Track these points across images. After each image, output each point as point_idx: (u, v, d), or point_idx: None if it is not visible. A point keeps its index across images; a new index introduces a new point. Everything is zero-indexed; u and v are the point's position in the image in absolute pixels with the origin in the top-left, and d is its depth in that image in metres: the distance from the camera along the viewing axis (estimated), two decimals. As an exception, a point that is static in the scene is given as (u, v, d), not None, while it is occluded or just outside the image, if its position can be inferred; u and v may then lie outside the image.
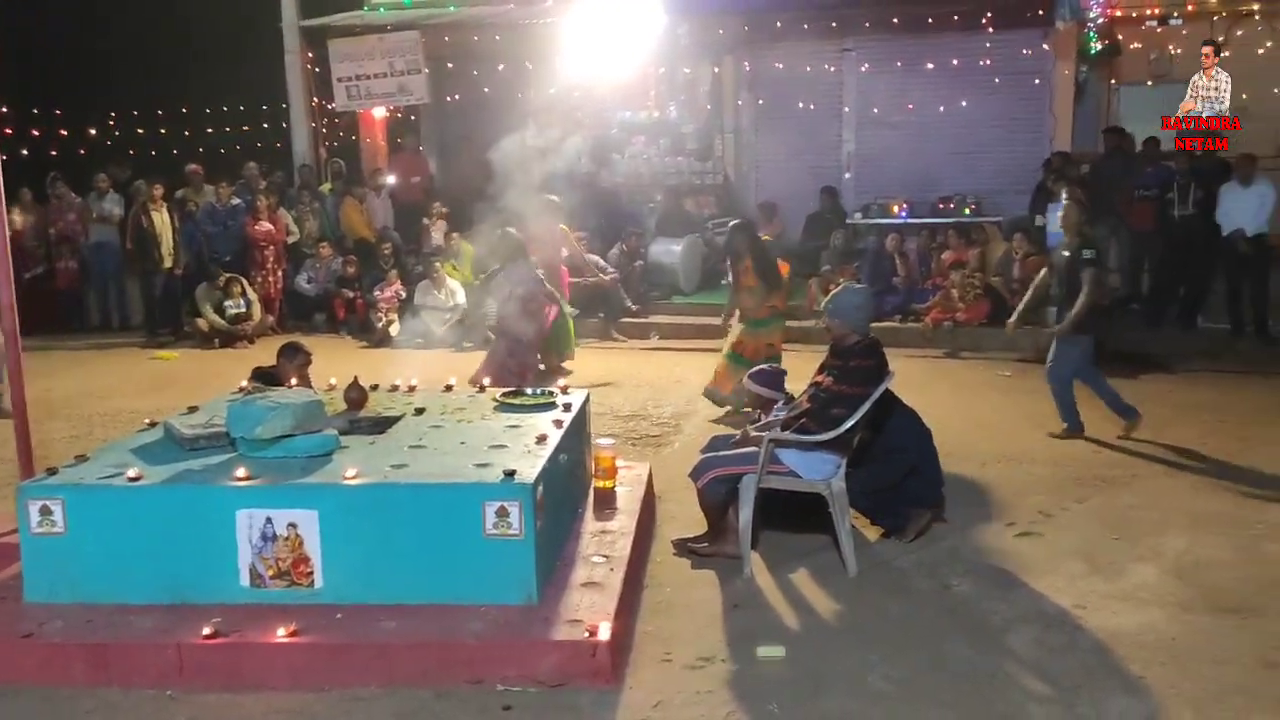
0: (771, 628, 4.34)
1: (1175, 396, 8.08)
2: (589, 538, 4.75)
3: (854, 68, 12.79)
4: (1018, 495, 5.91)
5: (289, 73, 13.87)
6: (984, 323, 10.12)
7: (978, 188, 12.09)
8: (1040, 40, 11.92)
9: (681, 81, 13.45)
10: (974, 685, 3.84)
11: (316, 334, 11.65)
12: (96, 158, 14.28)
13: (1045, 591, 4.63)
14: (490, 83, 13.39)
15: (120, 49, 18.04)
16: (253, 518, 4.02)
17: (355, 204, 12.73)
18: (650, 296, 11.67)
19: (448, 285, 11.19)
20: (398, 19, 13.37)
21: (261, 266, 11.90)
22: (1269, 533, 5.27)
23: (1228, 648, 4.08)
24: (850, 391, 4.74)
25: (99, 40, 17.92)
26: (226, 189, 12.13)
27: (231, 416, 4.37)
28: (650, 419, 7.74)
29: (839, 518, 4.79)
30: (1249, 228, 9.71)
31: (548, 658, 3.76)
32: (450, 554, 4.02)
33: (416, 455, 4.41)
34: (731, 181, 13.50)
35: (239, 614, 3.95)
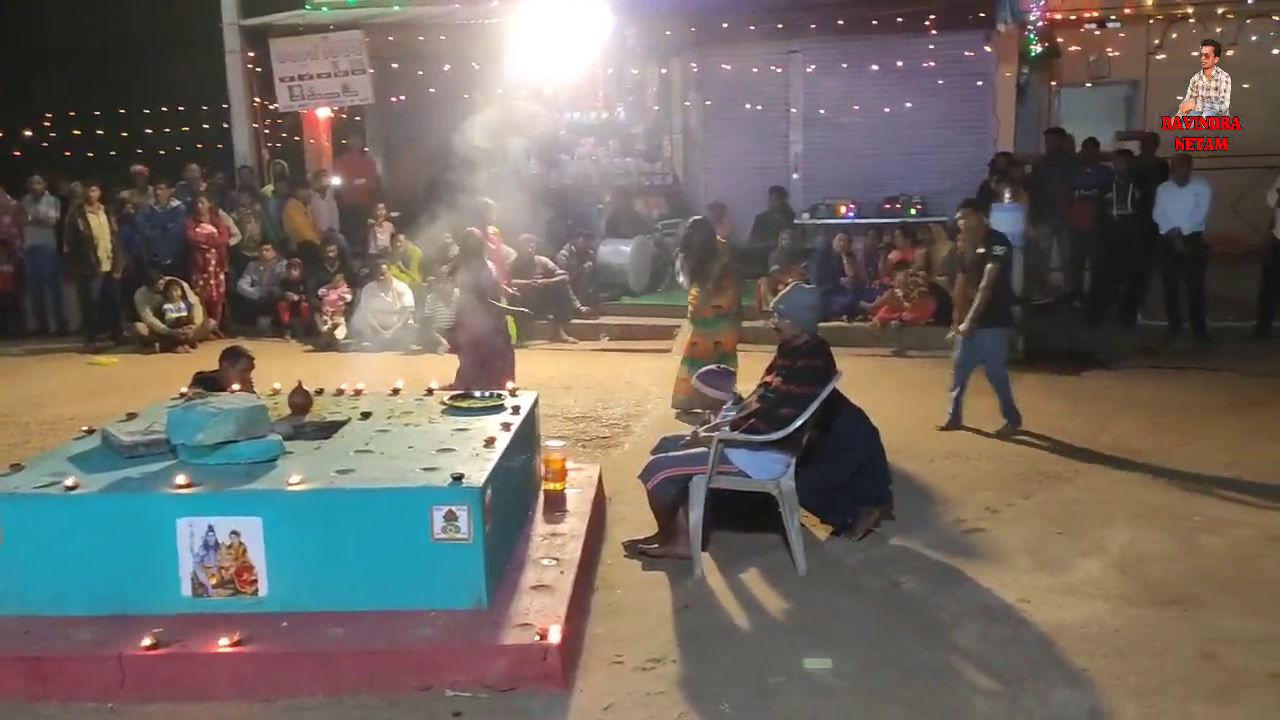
0: (723, 627, 4.34)
1: (1116, 393, 8.23)
2: (539, 540, 4.72)
3: (800, 69, 12.88)
4: (965, 492, 5.98)
5: (230, 73, 13.64)
6: (930, 321, 10.24)
7: (923, 188, 12.24)
8: (982, 42, 12.09)
9: (629, 82, 13.46)
10: (922, 681, 3.87)
11: (261, 338, 11.48)
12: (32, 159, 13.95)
13: (991, 586, 4.69)
14: (436, 83, 13.29)
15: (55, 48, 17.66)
16: (194, 526, 3.94)
17: (299, 206, 12.55)
18: (600, 297, 11.65)
19: (395, 287, 11.07)
20: (340, 18, 13.21)
21: (203, 269, 11.69)
22: (1207, 525, 5.38)
23: (1168, 639, 4.15)
24: (799, 391, 4.77)
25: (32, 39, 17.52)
26: (166, 191, 11.91)
27: (172, 423, 4.28)
28: (600, 420, 7.72)
29: (788, 517, 4.81)
30: (1185, 227, 9.92)
31: (497, 662, 3.73)
32: (398, 559, 3.97)
33: (363, 460, 4.35)
34: (680, 182, 13.54)
35: (181, 624, 3.87)
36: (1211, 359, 9.29)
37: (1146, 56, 13.64)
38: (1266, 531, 5.27)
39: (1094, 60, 13.86)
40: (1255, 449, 6.69)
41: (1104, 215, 10.55)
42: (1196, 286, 10.06)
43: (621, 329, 11.07)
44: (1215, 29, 13.09)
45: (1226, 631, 4.21)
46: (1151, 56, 13.62)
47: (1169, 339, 10.08)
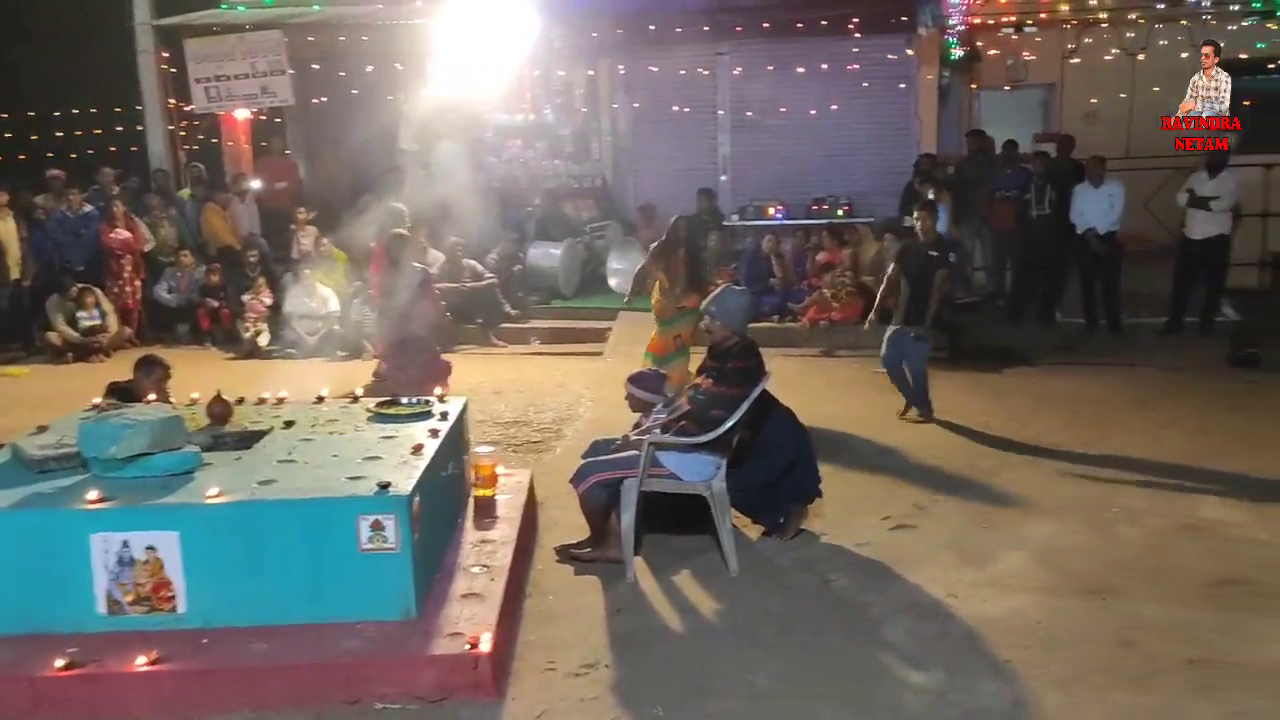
0: (656, 631, 4.34)
1: (1036, 389, 8.42)
2: (469, 548, 4.67)
3: (727, 71, 12.95)
4: (893, 489, 6.07)
5: (143, 73, 13.29)
6: (858, 321, 10.34)
7: (850, 189, 12.40)
8: (905, 46, 12.28)
9: (557, 84, 13.40)
10: (853, 677, 3.91)
11: (180, 346, 11.17)
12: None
13: (920, 582, 4.75)
14: (359, 84, 13.08)
15: (-41, 48, 17.00)
16: (108, 541, 3.82)
17: (217, 210, 12.25)
18: (530, 301, 11.57)
19: (319, 292, 10.86)
20: (258, 18, 12.93)
21: (118, 276, 11.34)
22: (1124, 516, 5.53)
23: (1089, 628, 4.26)
24: (728, 392, 4.78)
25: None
26: (78, 195, 11.52)
27: (84, 436, 4.14)
28: (532, 425, 7.66)
29: (720, 518, 4.82)
30: (1100, 227, 10.18)
31: (427, 673, 3.68)
32: (323, 571, 3.89)
33: (285, 470, 4.25)
34: (610, 184, 13.51)
35: (96, 643, 3.76)
36: (1126, 355, 9.56)
37: (1062, 61, 14.03)
38: (1180, 521, 5.43)
39: (1012, 64, 14.20)
40: (1168, 441, 6.90)
41: (1023, 215, 10.78)
42: (1111, 284, 10.33)
43: (552, 332, 11.01)
44: (1127, 34, 13.52)
45: (1144, 619, 4.32)
46: (1066, 61, 14.00)
47: (1086, 336, 10.34)
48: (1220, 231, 10.08)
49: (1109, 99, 13.85)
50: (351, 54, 12.79)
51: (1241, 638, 4.16)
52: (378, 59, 12.72)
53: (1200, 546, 5.10)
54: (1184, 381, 8.49)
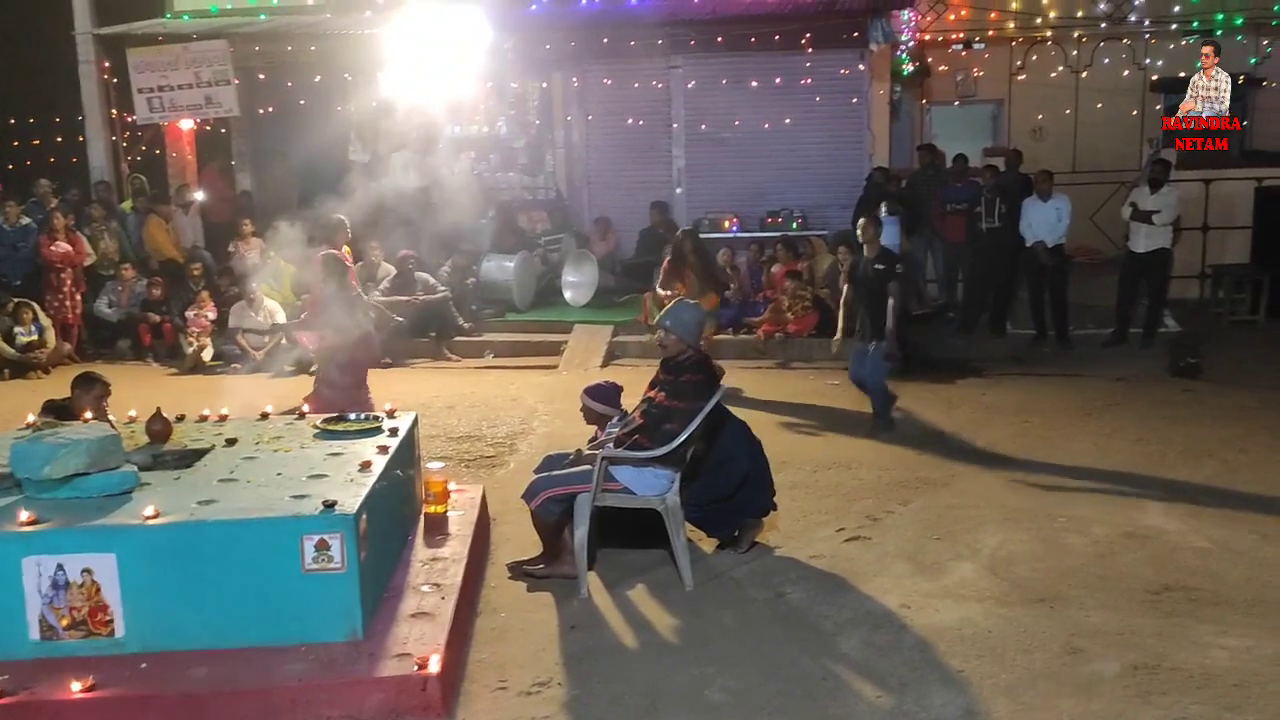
0: (609, 647, 4.29)
1: (987, 399, 8.50)
2: (419, 566, 4.59)
3: (681, 85, 12.97)
4: (847, 500, 6.07)
5: (84, 83, 13.02)
6: (813, 334, 10.39)
7: (804, 202, 12.46)
8: (857, 61, 12.39)
9: (510, 96, 13.34)
10: (807, 690, 3.89)
11: (121, 361, 10.91)
12: None
13: (873, 593, 4.76)
14: (306, 95, 12.92)
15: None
16: (41, 564, 3.70)
17: (160, 222, 12.02)
18: (484, 314, 11.47)
19: (266, 306, 10.68)
20: (203, 28, 12.74)
21: (57, 290, 11.04)
22: (1071, 525, 5.58)
23: (1037, 637, 4.29)
24: (682, 406, 4.76)
25: None
26: (15, 208, 11.24)
27: (15, 455, 4.02)
28: (485, 439, 7.58)
29: (674, 532, 4.79)
30: (1049, 239, 10.32)
31: (374, 695, 3.60)
32: (267, 592, 3.79)
33: (227, 489, 4.15)
34: (564, 197, 13.47)
35: (29, 669, 3.65)
36: (1073, 365, 9.68)
37: (1009, 77, 14.25)
38: (1123, 529, 5.50)
39: (961, 80, 14.39)
40: (1112, 450, 7.00)
41: (974, 228, 10.91)
42: (1060, 296, 10.47)
43: (506, 346, 10.91)
44: (1072, 51, 13.77)
45: (1090, 626, 4.37)
46: (1014, 77, 14.23)
47: (1035, 346, 10.47)
48: (1162, 245, 10.27)
49: (1055, 115, 14.10)
50: (299, 64, 12.64)
51: (1183, 643, 4.22)
52: (326, 69, 12.58)
53: (1143, 554, 5.17)
54: (1127, 391, 8.62)
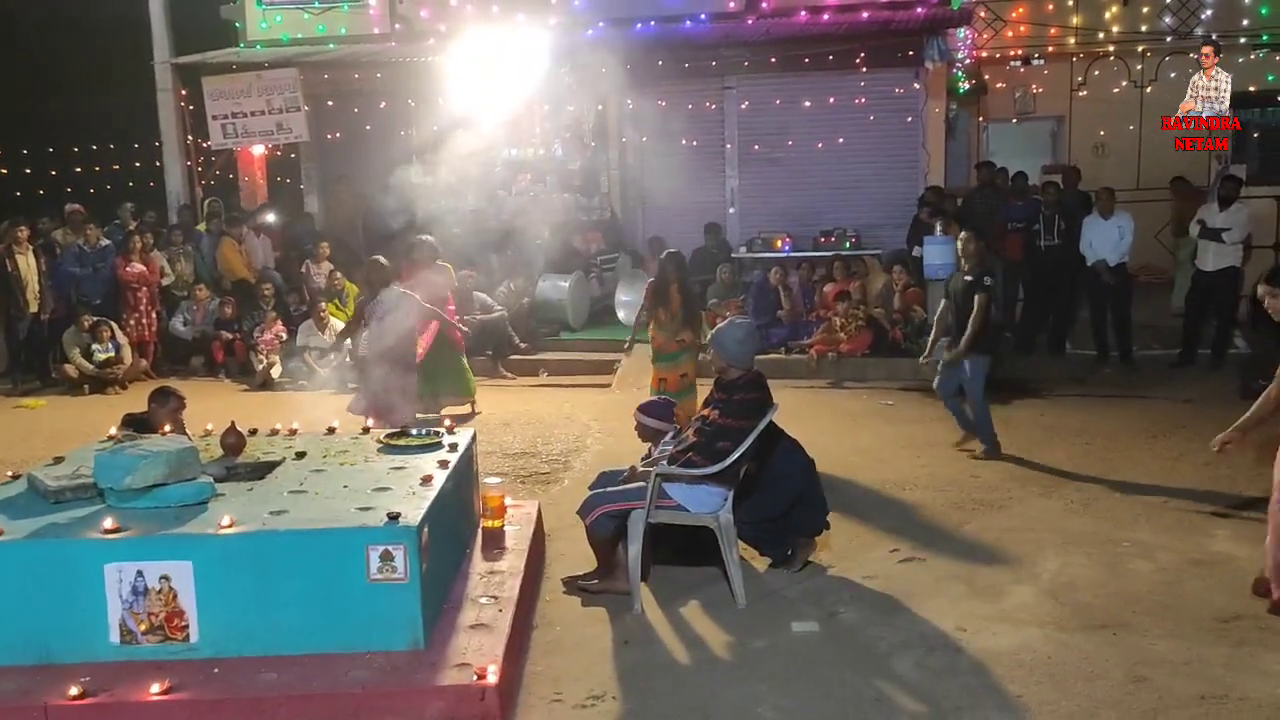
0: (663, 662, 4.34)
1: (1046, 420, 8.41)
2: (477, 579, 4.69)
3: (735, 105, 13.08)
4: (901, 521, 6.06)
5: (162, 110, 13.52)
6: (866, 353, 10.39)
7: (857, 221, 12.46)
8: (912, 79, 12.39)
9: (566, 119, 13.53)
10: (860, 711, 3.90)
11: (195, 378, 11.28)
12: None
13: (928, 615, 4.74)
14: (372, 120, 13.25)
15: (-19, 85, 17.31)
16: (122, 571, 3.85)
17: (233, 244, 12.40)
18: (539, 333, 11.63)
19: (331, 325, 10.96)
20: (275, 56, 13.14)
21: (134, 309, 11.45)
22: (1135, 550, 5.51)
23: (1099, 663, 4.24)
24: (735, 424, 4.81)
25: (-43, 76, 17.16)
26: (95, 230, 11.68)
27: (99, 466, 4.19)
28: (540, 456, 7.69)
29: (727, 550, 4.84)
30: (1111, 258, 10.20)
31: (435, 703, 3.68)
32: (333, 601, 3.91)
33: (297, 500, 4.29)
34: (619, 218, 13.62)
35: (109, 672, 3.78)
36: (1137, 386, 9.53)
37: (1070, 93, 14.11)
38: (1190, 555, 5.41)
39: (1020, 97, 14.28)
40: (1179, 474, 6.88)
41: (1032, 247, 10.81)
42: (1123, 316, 10.33)
43: (560, 364, 11.06)
44: (1136, 66, 13.60)
45: (1155, 654, 4.30)
46: (1075, 93, 14.08)
47: (1096, 367, 10.33)
48: (1231, 263, 10.09)
49: (1118, 131, 13.92)
50: (365, 91, 12.98)
51: (1252, 673, 4.14)
52: (391, 95, 12.89)
53: (1211, 581, 5.08)
54: (1194, 413, 8.47)
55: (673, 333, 7.50)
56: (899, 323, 10.50)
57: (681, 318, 7.50)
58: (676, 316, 7.50)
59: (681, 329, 7.49)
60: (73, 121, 15.54)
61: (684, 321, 7.51)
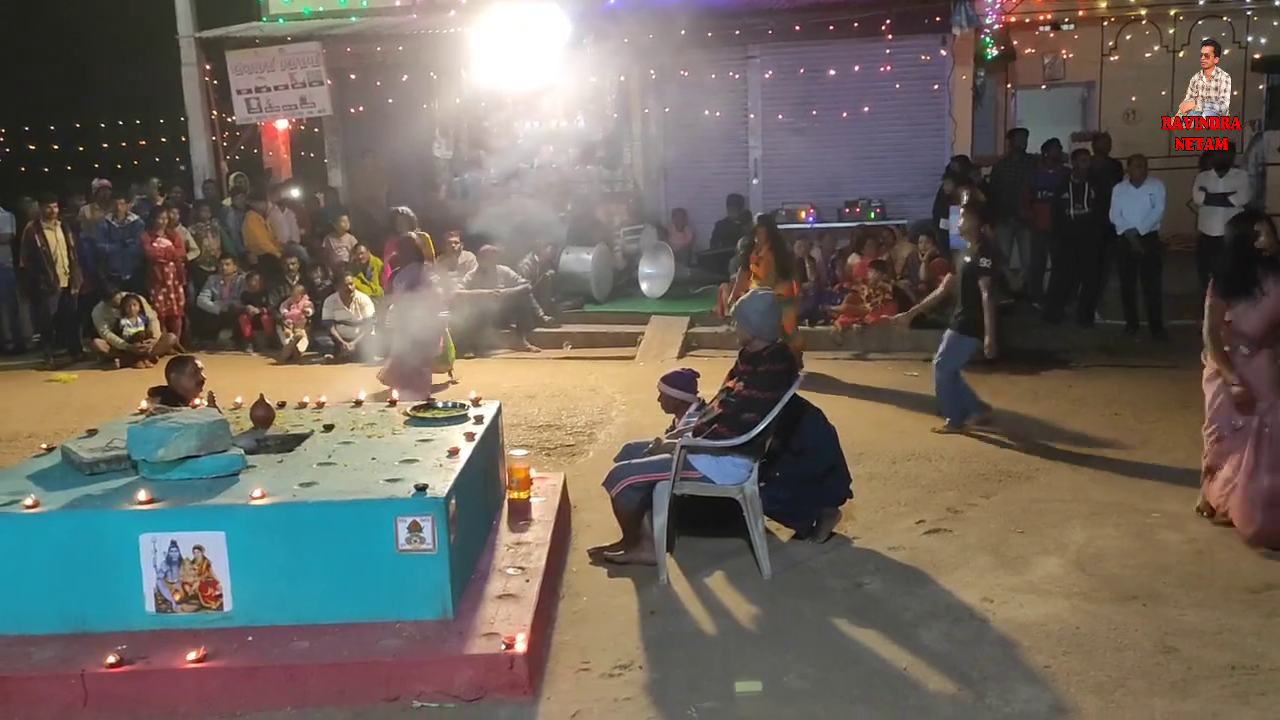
0: (689, 632, 4.36)
1: (1074, 391, 8.35)
2: (504, 549, 4.73)
3: (758, 75, 12.96)
4: (926, 492, 6.05)
5: (186, 85, 13.55)
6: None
7: (882, 192, 12.36)
8: (938, 46, 12.23)
9: (588, 90, 13.47)
10: (886, 680, 3.91)
11: (223, 351, 11.40)
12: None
13: (954, 586, 4.74)
14: (394, 93, 13.25)
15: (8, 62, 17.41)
16: (156, 541, 3.91)
17: (258, 218, 12.45)
18: (562, 306, 11.64)
19: (357, 299, 11.01)
20: (297, 30, 13.14)
21: (161, 284, 11.54)
22: (1164, 521, 5.47)
23: (1128, 634, 4.22)
24: (760, 396, 4.80)
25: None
26: (125, 205, 11.77)
27: (132, 439, 4.24)
28: (565, 428, 7.72)
29: (752, 521, 4.84)
30: (1141, 227, 10.06)
31: (464, 672, 3.73)
32: (362, 571, 3.96)
33: (326, 472, 4.33)
34: (641, 189, 13.57)
35: (144, 640, 3.85)
36: (1167, 356, 9.42)
37: (1101, 58, 13.89)
38: (1220, 526, 5.36)
39: (1049, 63, 14.08)
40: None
41: (1061, 215, 10.69)
42: (1153, 285, 10.20)
43: (584, 337, 11.07)
44: (1168, 30, 13.36)
45: (1185, 625, 4.28)
46: (1106, 58, 13.86)
47: (1126, 337, 10.23)
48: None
49: (1150, 96, 13.69)
50: (387, 64, 12.97)
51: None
52: (413, 68, 12.87)
53: (1241, 551, 5.03)
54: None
55: (770, 287, 7.70)
56: (925, 293, 10.40)
57: (776, 273, 8.26)
58: (768, 279, 8.15)
59: (778, 283, 8.12)
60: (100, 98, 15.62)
61: (779, 276, 8.26)
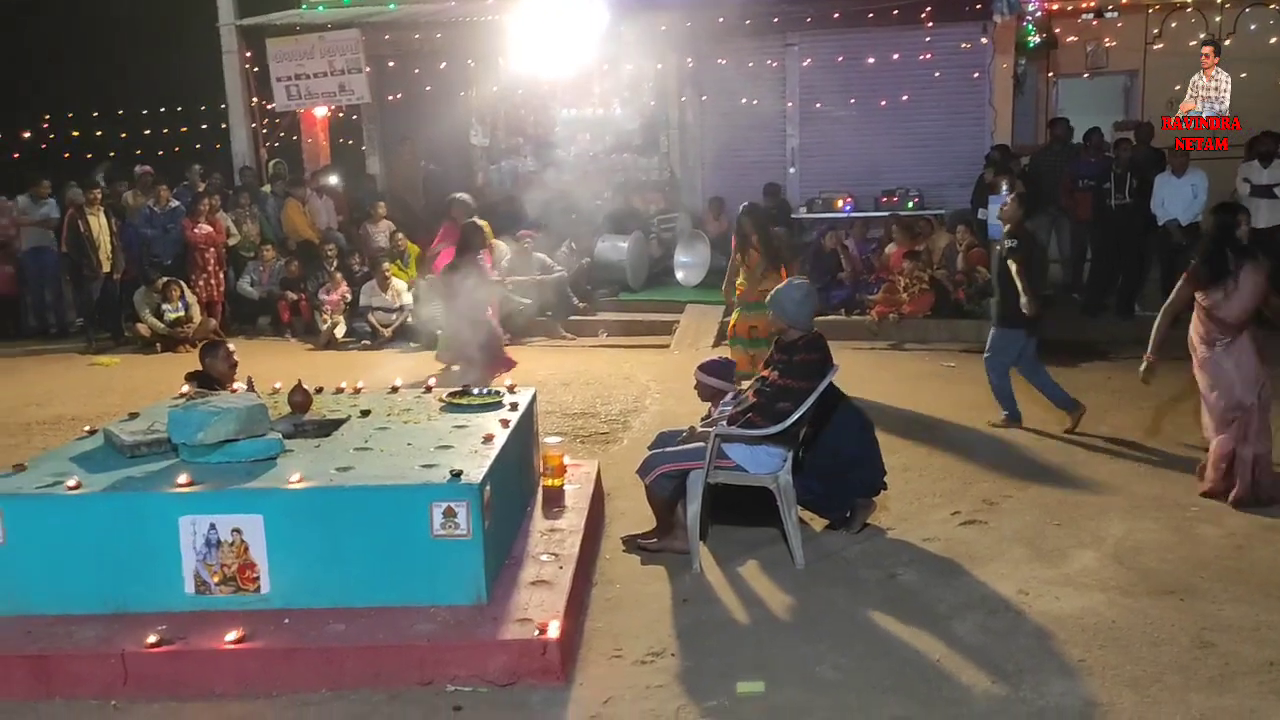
0: (721, 621, 4.37)
1: (1113, 383, 8.25)
2: (538, 536, 4.75)
3: (796, 63, 12.86)
4: (962, 484, 6.01)
5: (227, 73, 13.68)
6: (928, 315, 10.25)
7: (920, 181, 12.24)
8: (979, 34, 12.08)
9: (625, 78, 13.46)
10: (919, 671, 3.90)
11: (261, 337, 11.54)
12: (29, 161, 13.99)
13: (989, 578, 4.71)
14: (432, 81, 13.29)
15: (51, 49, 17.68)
16: (196, 524, 3.97)
17: (297, 205, 12.57)
18: (598, 294, 11.65)
19: (394, 286, 11.10)
20: (337, 17, 13.21)
21: (202, 270, 11.70)
22: (1203, 515, 5.41)
23: (1165, 629, 4.18)
24: (795, 385, 4.79)
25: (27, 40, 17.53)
26: (166, 191, 11.93)
27: (173, 422, 4.30)
28: (599, 416, 7.74)
29: (786, 511, 4.84)
30: (1183, 217, 9.91)
31: (497, 657, 3.76)
32: (398, 556, 4.00)
33: (362, 457, 4.38)
34: (678, 177, 13.53)
35: (184, 621, 3.91)
36: (1209, 349, 9.27)
37: (1144, 47, 13.64)
38: (1260, 520, 5.29)
39: (1092, 51, 13.86)
40: (1252, 438, 6.69)
41: (1102, 205, 10.54)
42: (1195, 277, 10.03)
43: (620, 325, 11.08)
44: (1214, 18, 13.10)
45: (1223, 620, 4.23)
46: (1150, 47, 13.62)
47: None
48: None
49: (1194, 86, 13.46)
50: (425, 51, 13.01)
51: (1323, 639, 4.05)
52: (451, 56, 12.91)
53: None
54: (1270, 376, 8.21)
55: (756, 281, 7.54)
56: (962, 284, 10.33)
57: (762, 269, 7.62)
58: (757, 268, 7.62)
59: (765, 276, 7.56)
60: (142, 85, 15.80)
61: (767, 268, 7.63)
